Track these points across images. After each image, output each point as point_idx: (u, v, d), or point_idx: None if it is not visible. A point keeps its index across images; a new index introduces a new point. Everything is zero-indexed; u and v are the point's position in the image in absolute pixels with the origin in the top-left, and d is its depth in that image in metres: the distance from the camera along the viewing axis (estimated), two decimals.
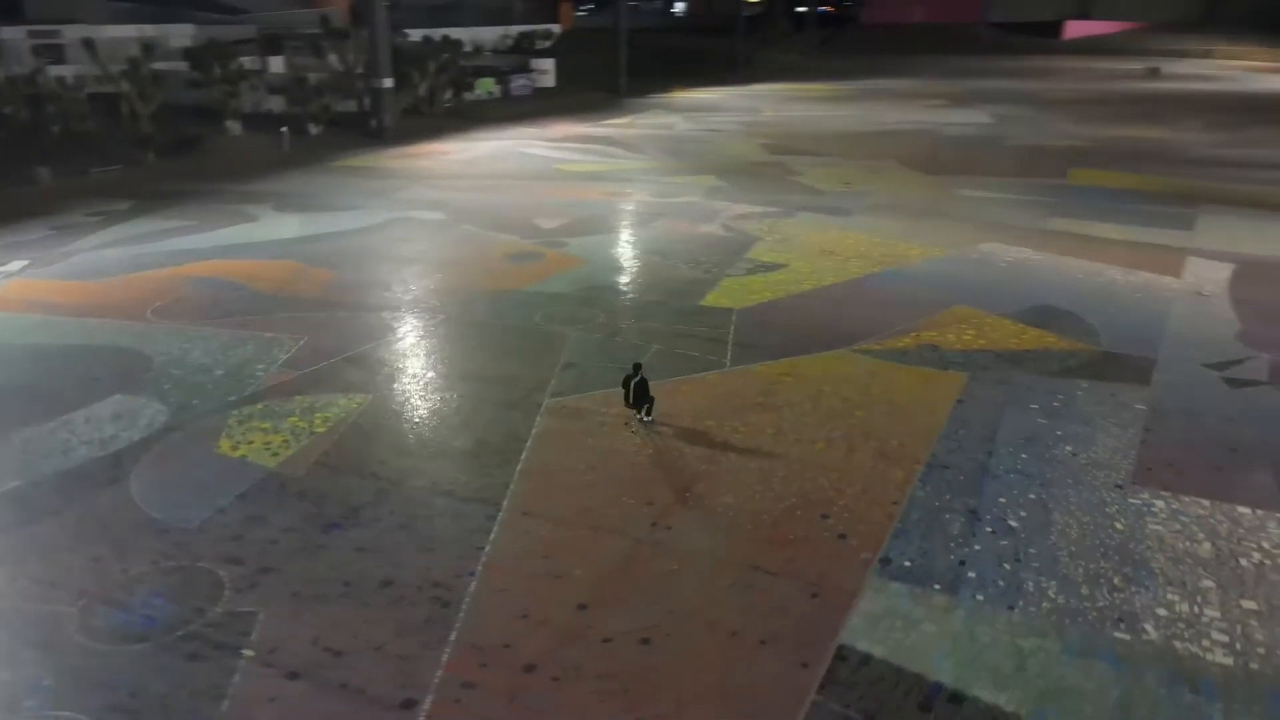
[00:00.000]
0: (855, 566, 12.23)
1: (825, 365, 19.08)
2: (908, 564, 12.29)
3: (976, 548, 12.65)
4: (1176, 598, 11.55)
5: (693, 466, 14.90)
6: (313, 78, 52.28)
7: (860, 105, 66.36)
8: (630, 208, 33.82)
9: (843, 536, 12.93)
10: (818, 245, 28.44)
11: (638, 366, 16.10)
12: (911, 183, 38.63)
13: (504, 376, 18.62)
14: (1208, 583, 11.86)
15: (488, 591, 11.77)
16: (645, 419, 16.12)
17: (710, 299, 23.41)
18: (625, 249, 28.49)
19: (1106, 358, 19.57)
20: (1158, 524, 13.23)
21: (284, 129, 46.14)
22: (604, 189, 37.09)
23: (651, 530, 13.08)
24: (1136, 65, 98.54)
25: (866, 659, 10.47)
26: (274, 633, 11.01)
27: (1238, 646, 10.69)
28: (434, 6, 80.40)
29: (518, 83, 69.96)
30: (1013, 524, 13.24)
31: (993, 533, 13.06)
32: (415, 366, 19.46)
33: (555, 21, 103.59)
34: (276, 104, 53.22)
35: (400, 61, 52.96)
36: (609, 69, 73.34)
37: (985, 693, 9.95)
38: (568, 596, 11.63)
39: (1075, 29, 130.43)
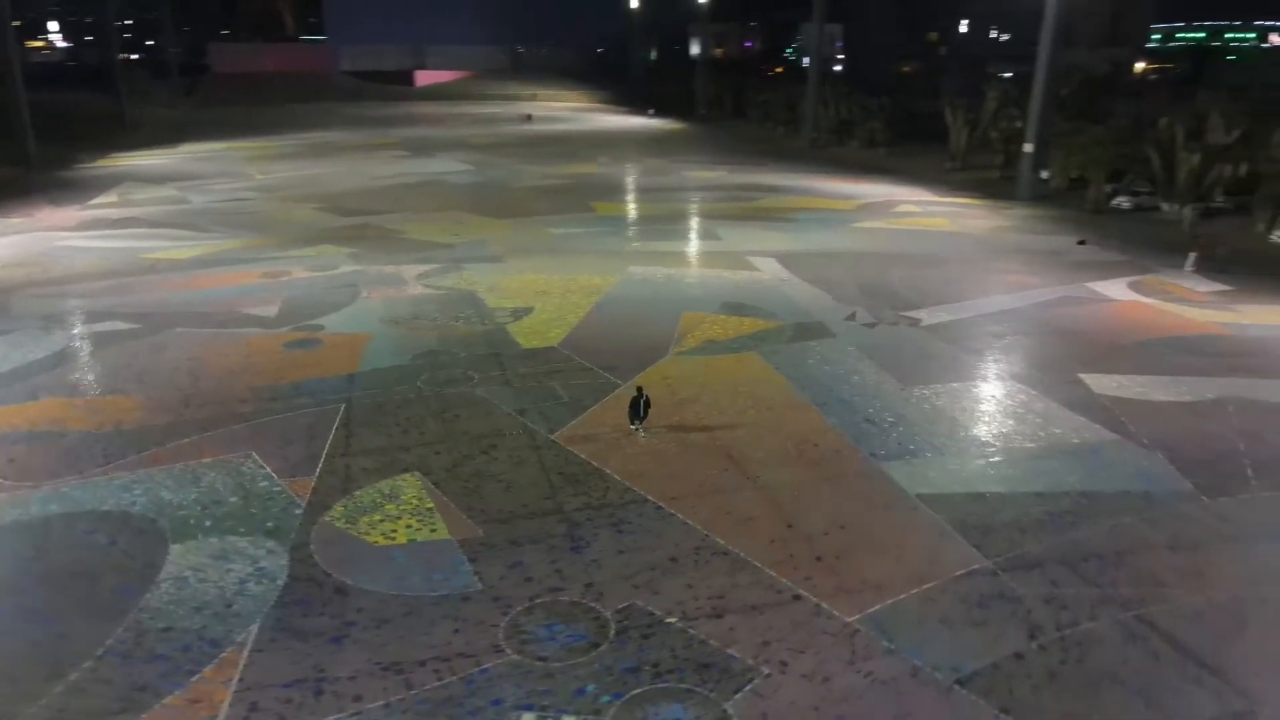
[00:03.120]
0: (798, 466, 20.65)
1: (676, 368, 26.46)
2: (883, 452, 21.04)
3: (894, 437, 21.95)
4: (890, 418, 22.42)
5: (700, 444, 21.46)
6: None
7: (330, 160, 70.22)
8: (314, 286, 35.11)
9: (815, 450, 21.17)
10: (525, 288, 34.65)
11: (640, 389, 21.82)
12: (499, 227, 46.12)
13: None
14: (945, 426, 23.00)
15: None
16: (641, 430, 21.77)
17: (525, 343, 28.56)
18: (375, 323, 30.92)
19: (799, 327, 30.51)
20: (926, 399, 24.09)
21: None
22: (247, 272, 37.17)
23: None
24: (497, 109, 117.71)
25: None
26: None
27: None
28: None
29: None
30: (891, 419, 22.82)
31: (892, 422, 22.51)
32: None
33: None
34: None
35: None
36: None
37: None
38: None
39: (424, 78, 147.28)
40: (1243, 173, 51.82)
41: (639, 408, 21.53)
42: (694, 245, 42.36)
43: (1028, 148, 59.54)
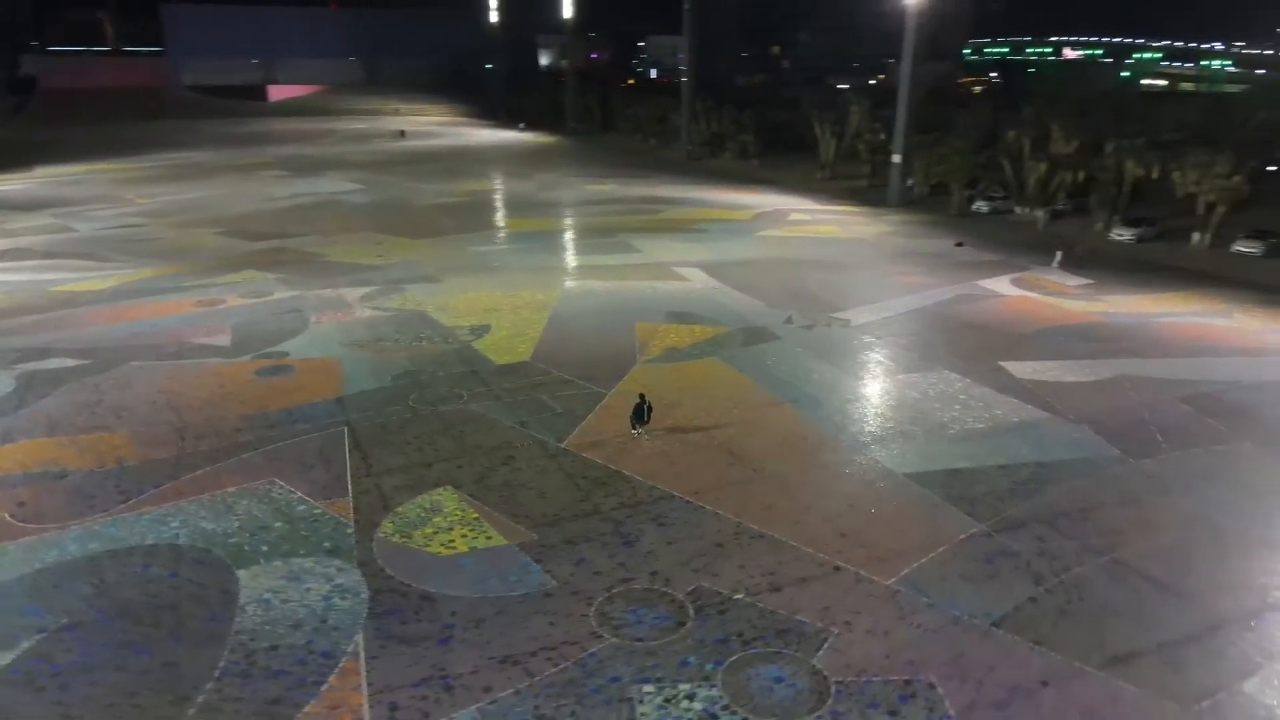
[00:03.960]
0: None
1: (650, 376, 28.35)
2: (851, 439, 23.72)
3: (866, 426, 24.70)
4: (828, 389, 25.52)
5: (699, 440, 23.53)
6: None
7: (208, 182, 67.95)
8: (257, 313, 34.74)
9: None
10: (473, 307, 35.64)
11: (642, 396, 23.64)
12: (419, 248, 46.57)
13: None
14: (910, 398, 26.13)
15: None
16: (639, 432, 23.58)
17: (497, 359, 29.78)
18: (338, 347, 31.17)
19: (746, 332, 33.03)
20: (882, 392, 27.09)
21: None
22: (178, 301, 36.41)
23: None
24: (363, 125, 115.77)
25: None
26: None
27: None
28: None
29: None
30: (858, 411, 25.59)
31: (860, 413, 25.26)
32: None
33: None
34: None
35: None
36: None
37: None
38: None
39: (277, 92, 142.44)
40: (1081, 179, 58.49)
41: (643, 413, 23.31)
42: (618, 259, 44.26)
43: (896, 158, 64.75)
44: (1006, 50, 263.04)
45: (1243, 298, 39.08)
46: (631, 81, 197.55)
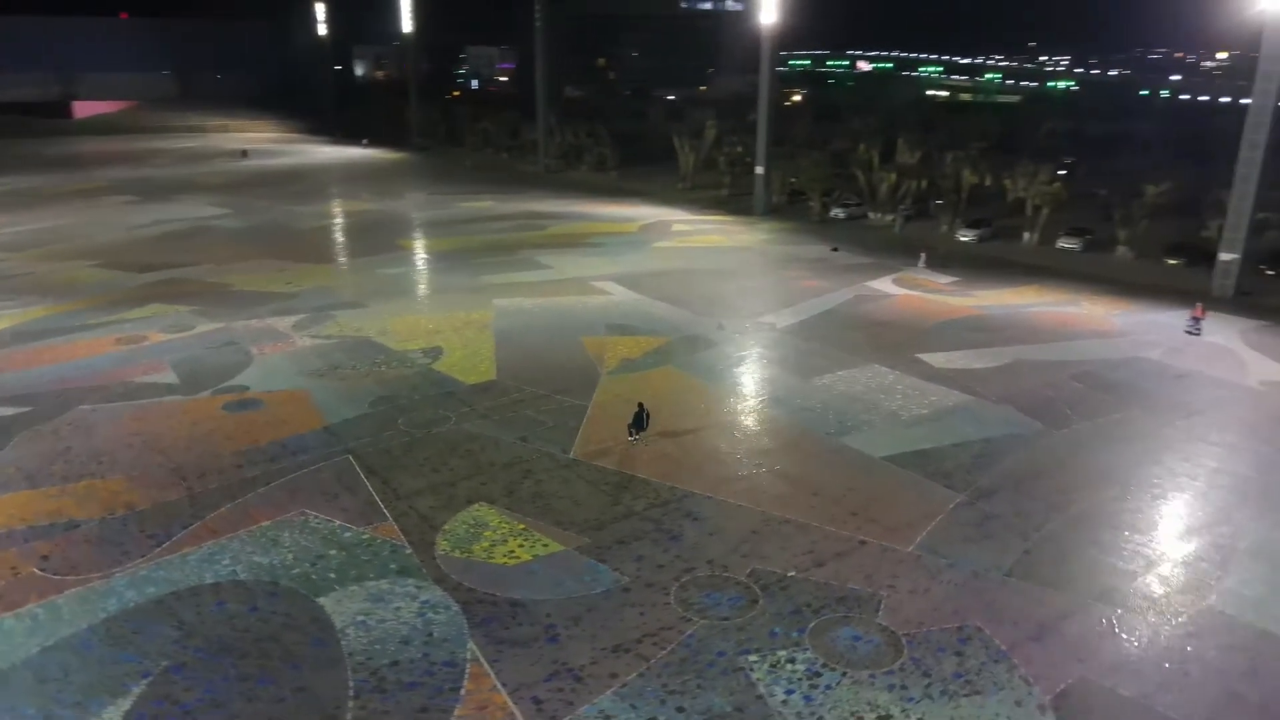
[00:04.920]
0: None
1: (619, 387, 30.17)
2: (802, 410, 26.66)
3: (831, 419, 27.68)
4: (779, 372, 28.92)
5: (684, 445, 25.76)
6: None
7: (52, 210, 63.21)
8: (191, 348, 33.60)
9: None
10: (414, 330, 36.14)
11: (640, 405, 25.54)
12: (324, 273, 46.07)
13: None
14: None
15: None
16: (637, 439, 25.52)
17: (466, 379, 30.74)
18: (296, 377, 30.98)
19: (686, 340, 35.46)
20: (830, 387, 30.26)
21: None
22: (94, 340, 34.76)
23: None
24: (192, 144, 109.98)
25: None
26: None
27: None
28: None
29: None
30: (819, 405, 28.53)
31: (821, 407, 28.21)
32: None
33: None
34: None
35: None
36: None
37: None
38: None
39: (84, 109, 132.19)
40: (924, 186, 64.94)
41: (642, 421, 25.21)
42: (533, 276, 45.57)
43: (759, 170, 69.23)
44: (809, 62, 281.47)
45: (1080, 288, 45.32)
46: (457, 94, 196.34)
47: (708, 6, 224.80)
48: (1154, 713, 15.03)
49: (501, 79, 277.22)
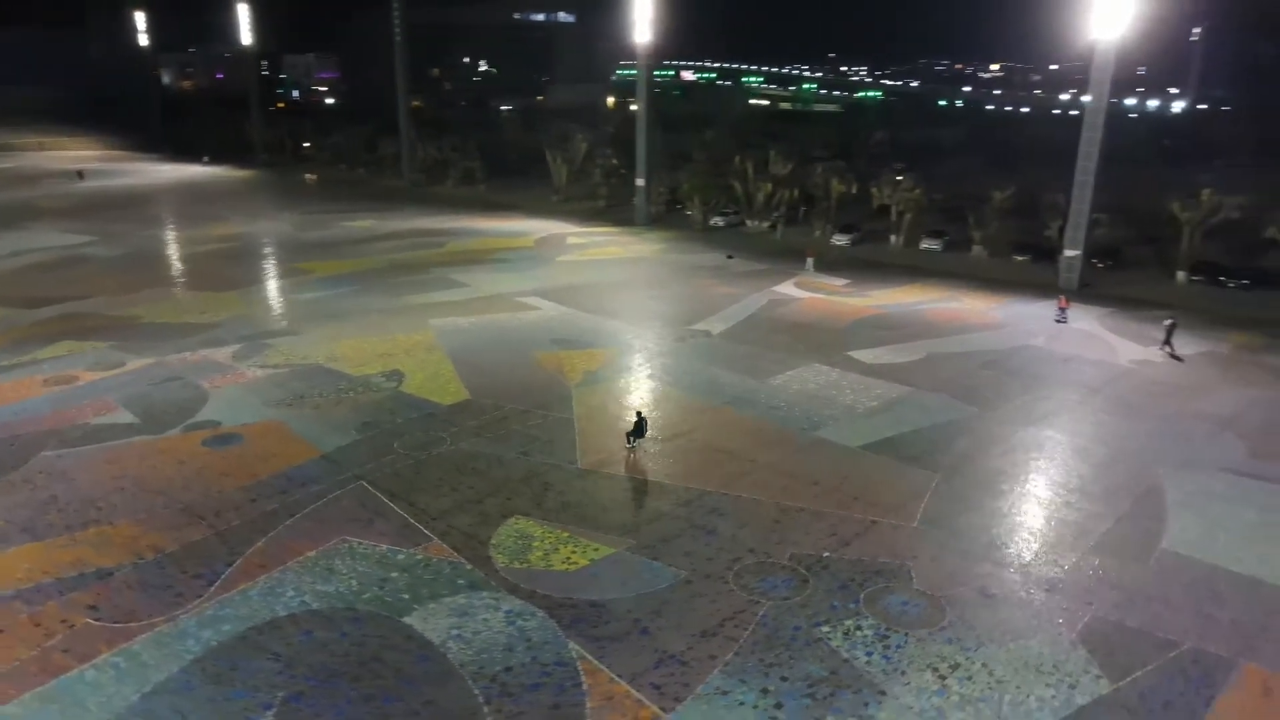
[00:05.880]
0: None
1: (594, 398, 31.67)
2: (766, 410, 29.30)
3: (797, 416, 30.34)
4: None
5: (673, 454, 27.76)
6: None
7: None
8: (132, 386, 32.15)
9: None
10: (362, 354, 36.07)
11: (639, 413, 27.24)
12: (235, 301, 44.65)
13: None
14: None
15: None
16: (633, 445, 27.23)
17: (441, 400, 31.35)
18: (264, 409, 30.38)
19: (635, 350, 37.33)
20: (785, 386, 32.98)
21: None
22: (16, 382, 32.79)
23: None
24: (5, 164, 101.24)
25: None
26: None
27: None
28: None
29: None
30: (784, 404, 31.13)
31: (787, 406, 30.81)
32: None
33: None
34: None
35: None
36: None
37: None
38: None
39: None
40: (796, 195, 69.54)
41: (642, 430, 26.92)
42: (454, 294, 45.95)
43: (640, 181, 71.87)
44: (634, 72, 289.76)
45: (954, 285, 50.51)
46: (282, 105, 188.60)
47: (540, 18, 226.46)
48: (1162, 640, 18.28)
49: (321, 88, 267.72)
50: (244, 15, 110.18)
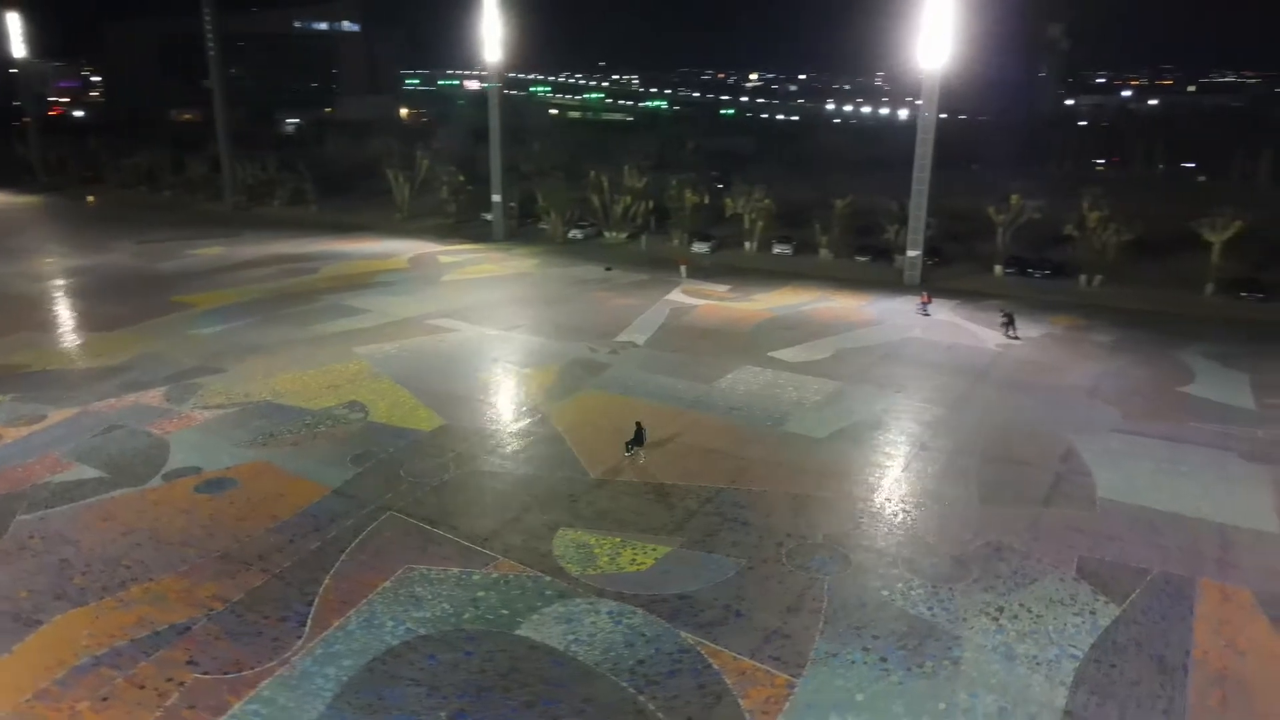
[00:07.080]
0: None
1: (570, 414, 33.30)
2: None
3: (759, 413, 33.42)
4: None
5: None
6: None
7: None
8: (73, 440, 30.06)
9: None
10: (307, 388, 35.44)
11: (638, 424, 29.23)
12: (135, 340, 41.87)
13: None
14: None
15: None
16: (632, 453, 29.27)
17: (419, 427, 31.80)
18: (239, 450, 29.35)
19: (579, 365, 38.98)
20: (733, 388, 36.06)
21: None
22: None
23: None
24: None
25: None
26: None
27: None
28: None
29: None
30: (739, 405, 34.12)
31: (744, 405, 33.87)
32: None
33: None
34: None
35: None
36: None
37: None
38: None
39: None
40: (652, 207, 73.13)
41: (641, 437, 28.98)
42: (361, 321, 45.29)
43: (496, 198, 72.81)
44: (418, 81, 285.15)
45: (819, 286, 55.79)
46: (27, 120, 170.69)
47: (323, 27, 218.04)
48: (1137, 569, 22.74)
49: (63, 100, 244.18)
50: (14, 23, 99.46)
